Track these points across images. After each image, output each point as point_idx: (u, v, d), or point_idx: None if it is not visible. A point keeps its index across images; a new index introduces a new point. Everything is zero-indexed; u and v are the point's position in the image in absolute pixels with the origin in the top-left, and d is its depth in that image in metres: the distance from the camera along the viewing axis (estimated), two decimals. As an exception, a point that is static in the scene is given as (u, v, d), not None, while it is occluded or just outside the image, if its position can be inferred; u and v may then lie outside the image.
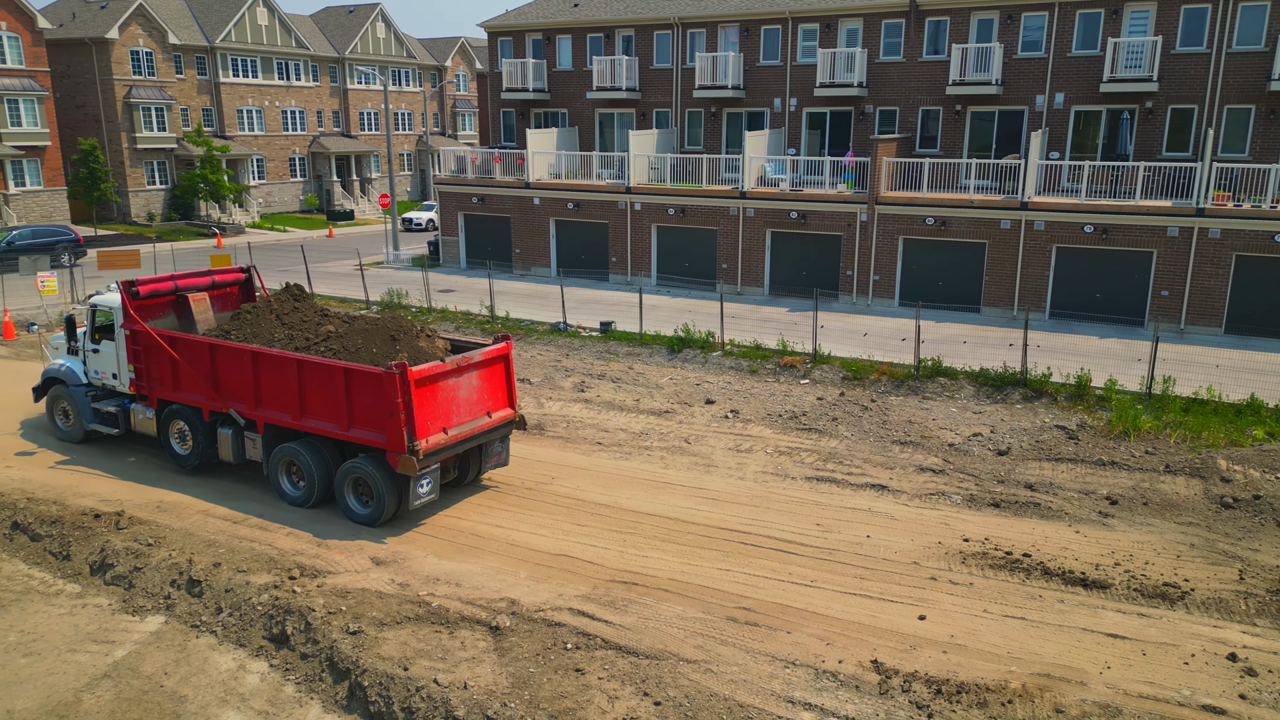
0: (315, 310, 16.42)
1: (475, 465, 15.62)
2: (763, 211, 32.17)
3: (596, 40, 39.59)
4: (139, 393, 16.87)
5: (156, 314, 17.11)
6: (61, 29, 52.63)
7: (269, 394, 14.92)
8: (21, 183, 48.56)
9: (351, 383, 13.89)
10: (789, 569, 12.69)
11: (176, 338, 16.05)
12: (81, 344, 17.91)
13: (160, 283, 17.24)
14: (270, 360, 14.72)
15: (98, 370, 17.63)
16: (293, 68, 62.60)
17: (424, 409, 13.64)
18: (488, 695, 9.72)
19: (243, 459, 15.81)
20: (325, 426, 14.39)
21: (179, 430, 16.42)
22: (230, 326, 16.17)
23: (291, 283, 17.53)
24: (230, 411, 15.49)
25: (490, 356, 15.05)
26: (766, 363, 22.98)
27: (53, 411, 18.33)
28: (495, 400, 15.20)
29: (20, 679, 10.39)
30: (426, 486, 13.99)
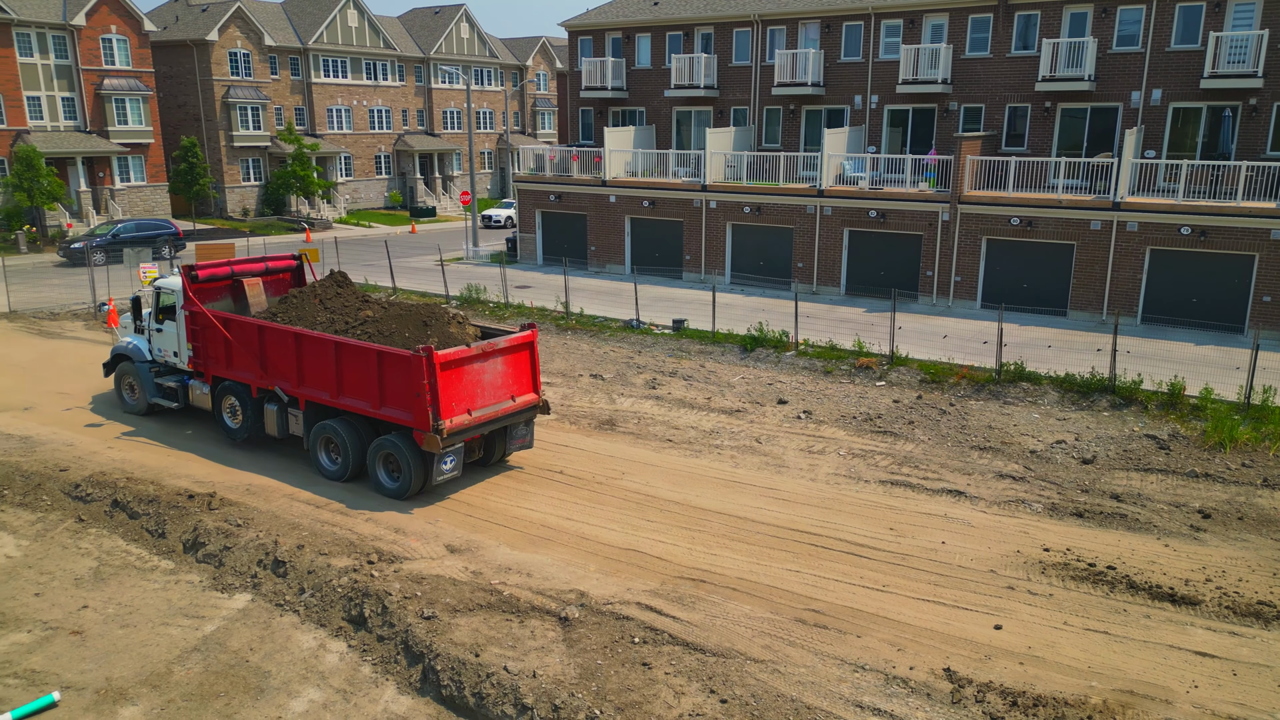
0: (356, 296, 17.30)
1: (500, 447, 16.28)
2: (840, 210, 31.73)
3: (675, 38, 39.61)
4: (196, 370, 18.03)
5: (214, 297, 18.30)
6: (165, 31, 55.19)
7: (310, 373, 15.82)
8: (127, 178, 51.13)
9: (383, 364, 14.67)
10: (860, 573, 12.52)
11: (229, 319, 17.06)
12: (147, 324, 19.16)
13: (218, 268, 18.38)
14: (311, 342, 15.63)
15: (160, 348, 18.85)
16: (380, 68, 64.34)
17: (449, 391, 14.35)
18: (555, 685, 9.87)
19: (286, 434, 16.75)
20: (359, 405, 15.22)
21: (230, 405, 17.50)
22: (277, 309, 17.12)
23: (335, 270, 18.48)
24: (275, 389, 16.45)
25: (515, 343, 15.65)
26: (841, 364, 22.68)
27: (120, 386, 19.61)
28: (519, 385, 15.80)
29: (118, 649, 10.98)
30: (450, 464, 14.73)
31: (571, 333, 26.70)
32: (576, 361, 23.78)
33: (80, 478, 15.50)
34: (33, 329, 27.00)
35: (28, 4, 46.78)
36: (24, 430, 17.95)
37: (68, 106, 48.73)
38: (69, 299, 30.47)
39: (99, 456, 16.59)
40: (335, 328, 16.02)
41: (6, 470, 15.81)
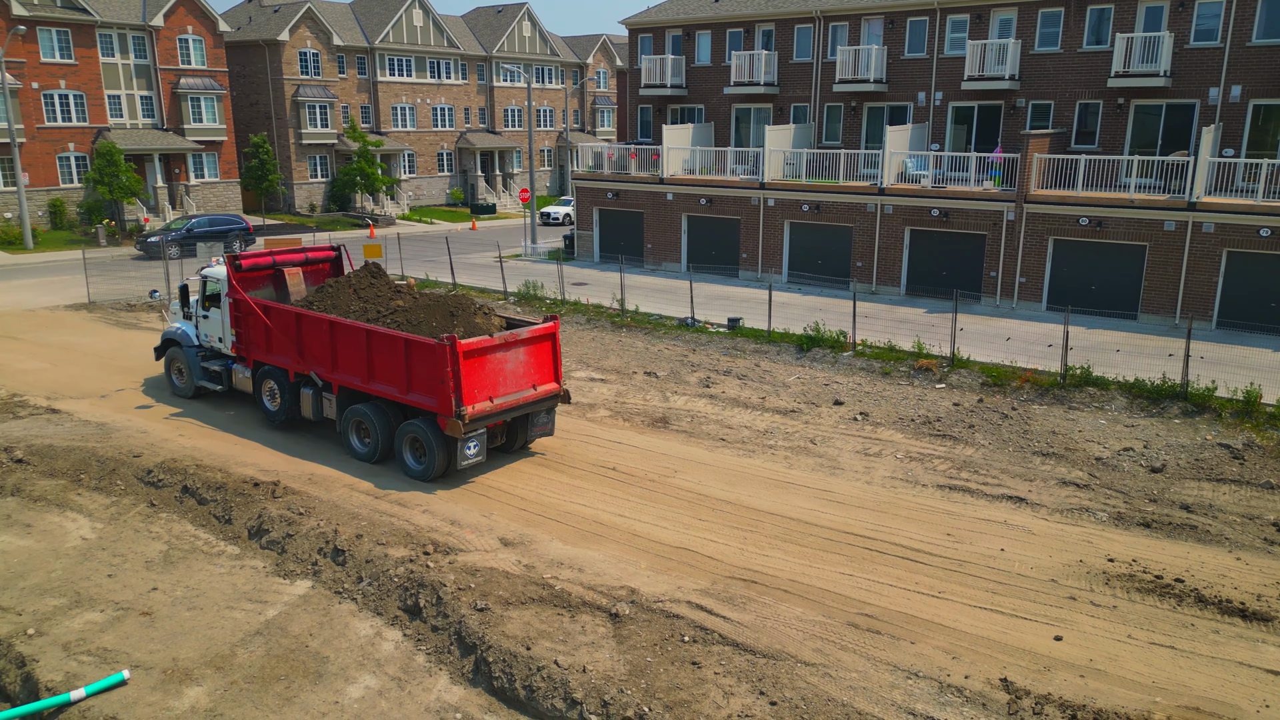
0: (389, 286, 17.89)
1: (522, 434, 16.79)
2: (902, 209, 31.23)
3: (736, 35, 39.41)
4: (239, 354, 18.86)
5: (256, 285, 19.06)
6: (239, 32, 56.85)
7: (343, 359, 16.52)
8: (201, 174, 52.83)
9: (410, 352, 15.29)
10: (915, 578, 12.32)
11: (270, 306, 17.87)
12: (194, 310, 20.01)
13: (261, 257, 19.22)
14: (344, 329, 16.32)
15: (206, 334, 19.70)
16: (443, 66, 65.31)
17: (471, 378, 14.95)
18: (605, 680, 9.93)
19: (320, 416, 17.45)
20: (388, 390, 15.87)
21: (270, 389, 18.33)
22: (314, 298, 17.80)
23: (370, 261, 19.07)
24: (311, 374, 17.20)
25: (537, 334, 16.16)
26: (900, 365, 22.33)
27: (169, 369, 20.56)
28: (541, 374, 16.35)
29: (184, 630, 11.37)
30: (473, 449, 15.34)
31: (626, 330, 26.78)
32: (631, 359, 23.84)
33: (152, 464, 16.08)
34: (110, 319, 28.08)
35: (110, 6, 48.62)
36: (100, 417, 18.69)
37: (146, 105, 50.53)
38: (145, 291, 31.60)
39: (170, 444, 17.19)
40: (367, 316, 16.64)
41: (83, 455, 16.49)
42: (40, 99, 46.36)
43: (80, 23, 47.03)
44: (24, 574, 12.68)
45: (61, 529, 14.08)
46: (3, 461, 16.20)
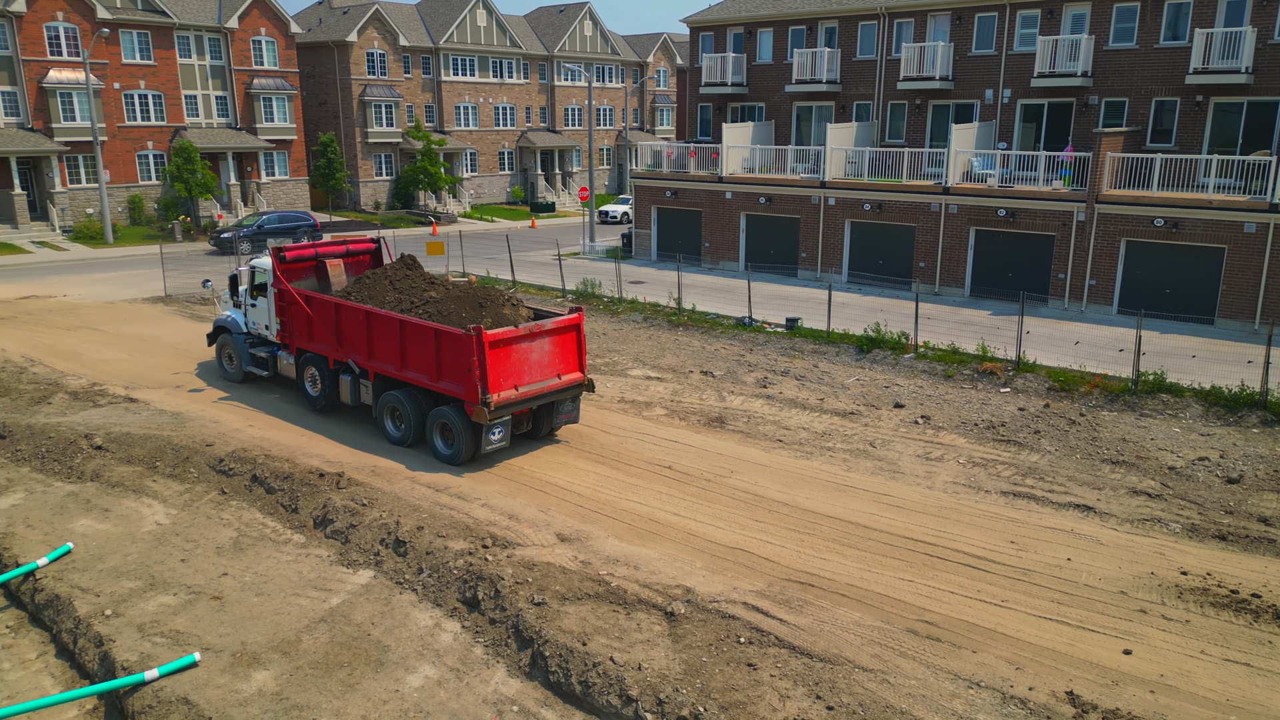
0: (423, 278, 18.40)
1: (548, 421, 17.29)
2: (967, 208, 30.61)
3: (798, 33, 39.06)
4: (283, 342, 19.75)
5: (300, 276, 19.86)
6: (310, 33, 58.29)
7: (378, 348, 17.20)
8: (271, 172, 54.33)
9: (440, 341, 15.92)
10: (977, 586, 12.08)
11: (311, 296, 18.62)
12: (243, 299, 20.98)
13: (304, 249, 20.05)
14: (379, 319, 17.00)
15: (254, 322, 20.68)
16: (506, 66, 66.04)
17: (496, 367, 15.50)
18: (660, 679, 9.94)
19: (358, 402, 18.17)
20: (419, 378, 16.54)
21: (311, 375, 19.18)
22: (352, 289, 18.48)
23: (406, 254, 19.65)
24: (349, 361, 17.92)
25: (561, 325, 16.65)
26: (963, 368, 21.90)
27: (220, 355, 21.60)
28: (566, 364, 16.81)
29: (253, 615, 11.71)
30: (498, 434, 16.03)
31: (683, 329, 26.76)
32: (687, 358, 23.81)
33: (224, 453, 16.59)
34: (185, 312, 29.05)
35: (187, 8, 50.28)
36: (175, 407, 19.35)
37: (220, 105, 52.12)
38: (217, 285, 32.61)
39: (241, 434, 17.71)
40: (401, 307, 17.22)
41: (159, 443, 17.09)
42: (121, 99, 48.17)
43: (159, 25, 48.72)
44: (102, 556, 13.20)
45: (138, 514, 14.62)
46: (83, 448, 16.89)
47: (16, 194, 44.77)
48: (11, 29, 44.32)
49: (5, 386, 20.26)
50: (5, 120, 45.00)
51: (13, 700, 10.51)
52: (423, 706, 9.95)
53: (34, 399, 19.50)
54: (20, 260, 39.38)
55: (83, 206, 47.26)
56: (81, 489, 15.54)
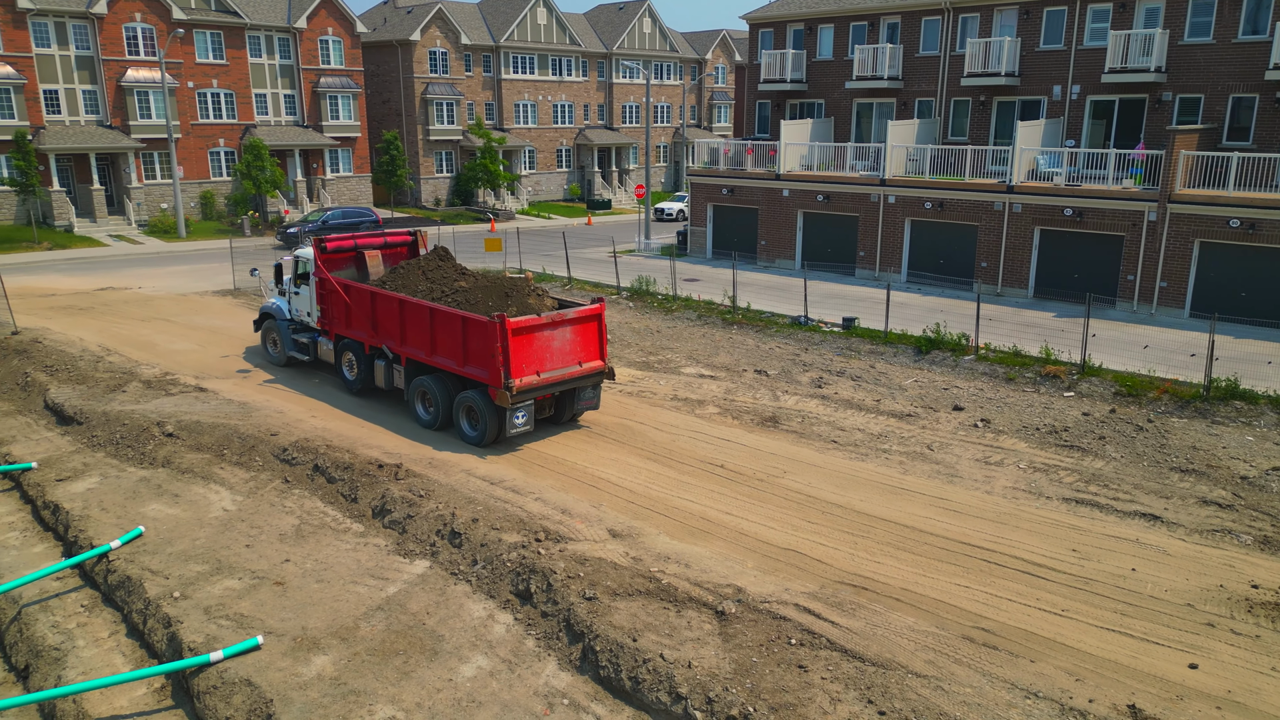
0: (455, 268, 19.08)
1: (570, 407, 17.91)
2: (1031, 207, 29.90)
3: (860, 28, 38.56)
4: (323, 328, 20.71)
5: (340, 266, 20.81)
6: (374, 33, 59.43)
7: (410, 334, 18.01)
8: (336, 169, 55.57)
9: (466, 328, 16.67)
10: (1037, 594, 11.82)
11: (349, 285, 19.51)
12: (287, 287, 22.06)
13: (344, 240, 20.97)
14: (411, 306, 17.82)
15: (297, 309, 21.80)
16: (565, 64, 66.47)
17: (519, 354, 16.20)
18: (710, 677, 9.94)
19: (391, 386, 19.08)
20: (447, 363, 17.30)
21: (348, 360, 20.17)
22: (387, 278, 19.24)
23: (439, 245, 20.36)
24: (384, 347, 18.80)
25: (583, 315, 17.23)
26: (1025, 371, 21.41)
27: (265, 340, 22.76)
28: (587, 352, 17.42)
29: (313, 601, 12.03)
30: (521, 418, 16.67)
31: (737, 327, 26.65)
32: (741, 356, 23.72)
33: (288, 442, 17.05)
34: (252, 305, 29.89)
35: (258, 9, 51.68)
36: (242, 396, 19.94)
37: (288, 103, 53.48)
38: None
39: (304, 424, 18.18)
40: (433, 295, 17.95)
41: (226, 432, 17.64)
42: (195, 97, 49.73)
43: (232, 25, 50.17)
44: (171, 540, 13.68)
45: (205, 500, 15.12)
46: (155, 435, 17.51)
47: (95, 189, 46.56)
48: (93, 30, 46.08)
49: (83, 374, 21.11)
50: (86, 118, 46.82)
51: (86, 677, 10.97)
52: (475, 696, 10.11)
53: (110, 387, 20.27)
54: (98, 253, 40.95)
55: (157, 201, 48.94)
56: (153, 474, 16.12)
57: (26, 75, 44.40)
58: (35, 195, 43.16)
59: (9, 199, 45.06)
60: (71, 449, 17.43)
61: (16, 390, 20.73)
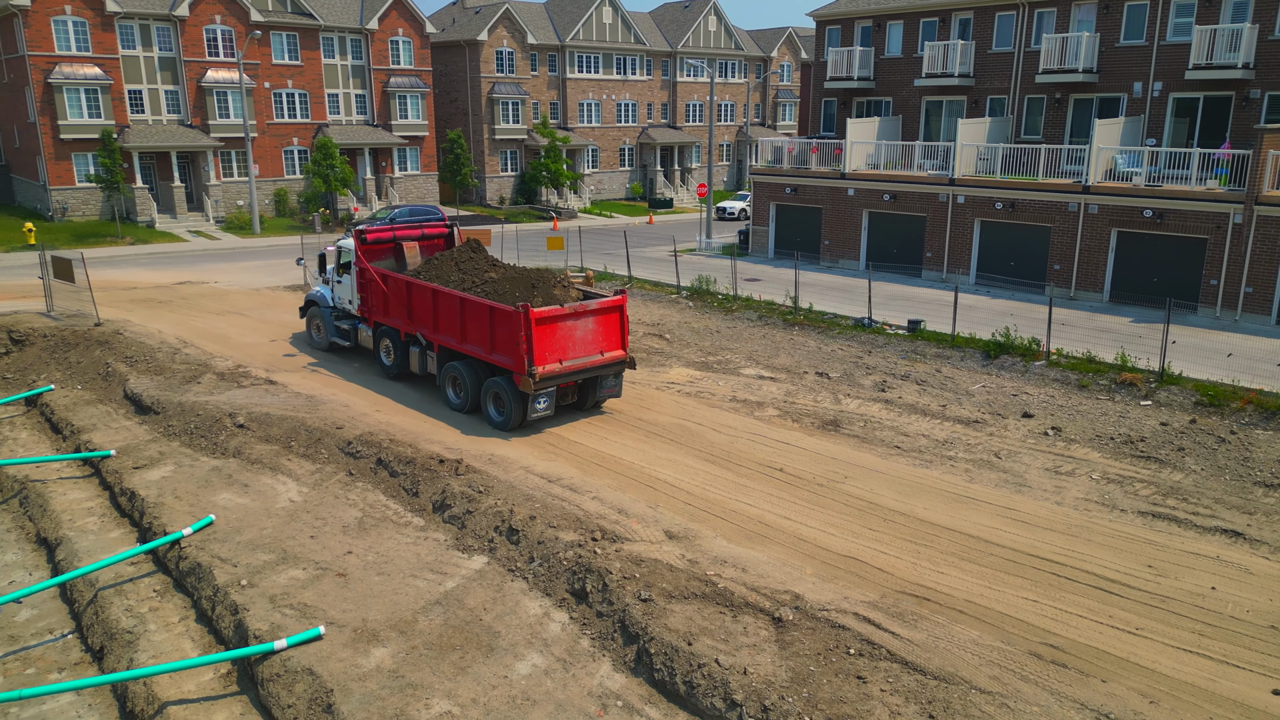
0: (486, 260, 19.93)
1: (592, 395, 18.60)
2: (1109, 208, 28.89)
3: (930, 25, 37.74)
4: (362, 315, 21.81)
5: (380, 256, 21.92)
6: (443, 33, 60.34)
7: (442, 322, 18.96)
8: (404, 167, 56.60)
9: (493, 317, 17.47)
10: (1109, 611, 11.37)
11: (387, 275, 20.49)
12: (330, 276, 23.11)
13: (383, 232, 22.19)
14: (443, 296, 18.72)
15: (339, 297, 22.85)
16: (629, 62, 66.58)
17: (542, 342, 16.89)
18: (766, 685, 9.80)
19: (424, 371, 20.03)
20: (476, 350, 18.16)
21: (385, 346, 21.21)
22: (422, 269, 20.22)
23: (471, 238, 21.30)
24: (418, 334, 19.78)
25: (605, 306, 17.89)
26: (1100, 378, 20.68)
27: (310, 326, 24.06)
28: (609, 342, 18.06)
29: (373, 594, 12.23)
30: (543, 404, 17.53)
31: (799, 328, 26.31)
32: (802, 358, 23.41)
33: (352, 435, 17.38)
34: (321, 301, 30.59)
35: (332, 11, 52.90)
36: (310, 390, 20.40)
37: (359, 103, 54.64)
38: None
39: (368, 418, 18.52)
40: (464, 286, 18.76)
41: (294, 424, 18.06)
42: (270, 97, 51.16)
43: (307, 27, 51.46)
44: (240, 529, 14.05)
45: (273, 490, 15.50)
46: (227, 426, 18.03)
47: (176, 186, 48.24)
48: (175, 32, 47.73)
49: (161, 366, 21.85)
50: (168, 117, 48.54)
51: (156, 660, 11.33)
52: (530, 694, 10.14)
53: (185, 378, 20.95)
54: (178, 248, 42.42)
55: (233, 199, 50.49)
56: (224, 464, 16.59)
57: (113, 76, 46.21)
58: (119, 192, 44.89)
59: (95, 195, 46.97)
60: (148, 438, 18.05)
61: (98, 380, 21.57)
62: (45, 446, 18.79)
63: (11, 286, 30.71)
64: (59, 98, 44.71)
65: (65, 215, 46.54)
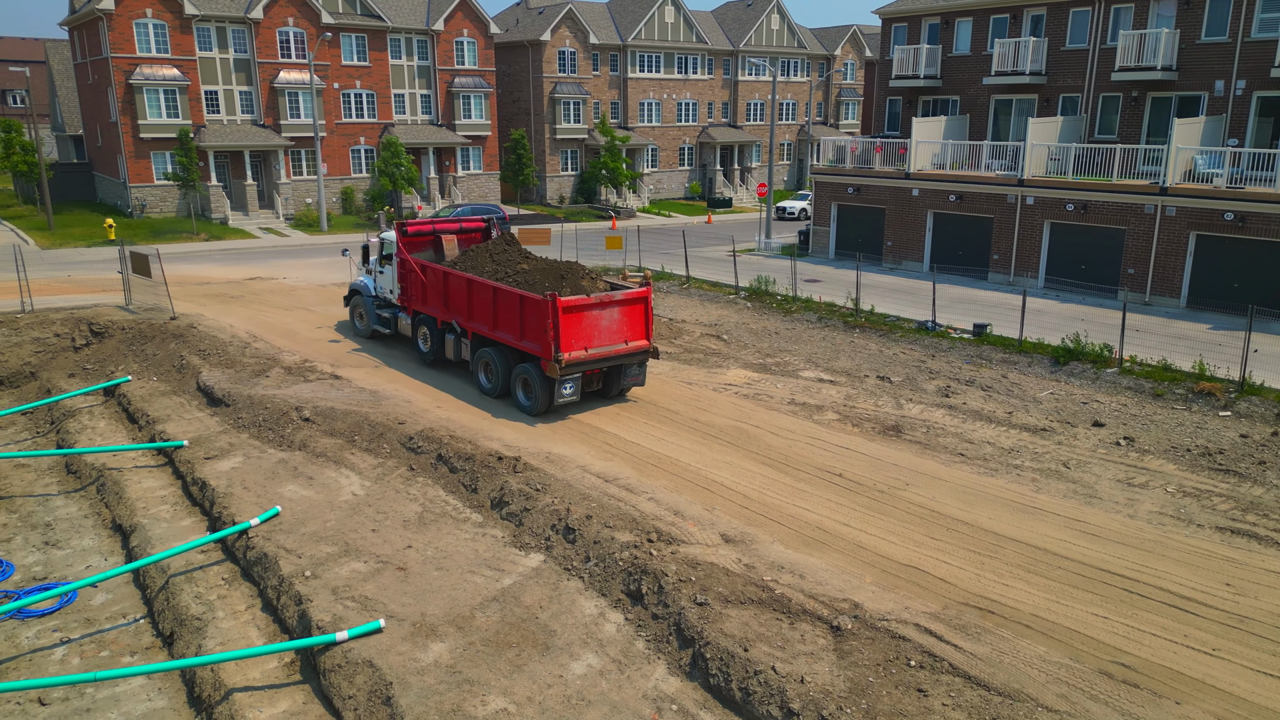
0: (519, 252, 20.97)
1: (616, 382, 19.32)
2: (1187, 211, 27.83)
3: (1001, 21, 36.83)
4: (402, 304, 22.87)
5: (420, 248, 22.93)
6: (507, 34, 60.97)
7: (475, 310, 19.87)
8: (467, 166, 57.35)
9: (524, 306, 18.21)
10: (1184, 630, 10.94)
11: (425, 265, 21.53)
12: (373, 266, 24.27)
13: (423, 225, 23.22)
14: (477, 286, 19.62)
15: (381, 286, 23.99)
16: (690, 62, 66.41)
17: (569, 330, 17.60)
18: (824, 695, 9.65)
19: (459, 357, 21.01)
20: (507, 337, 18.99)
21: (423, 333, 22.18)
22: (458, 260, 21.34)
23: (505, 231, 22.95)
24: (453, 321, 20.74)
25: (630, 297, 18.53)
26: (1176, 386, 19.93)
27: (353, 314, 25.21)
28: (633, 332, 18.71)
29: (432, 589, 12.38)
30: (569, 389, 18.20)
31: (859, 331, 25.92)
32: (862, 361, 23.05)
33: (414, 431, 17.65)
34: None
35: (399, 12, 53.85)
36: (373, 385, 20.78)
37: (424, 103, 55.53)
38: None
39: (429, 414, 18.78)
40: (497, 276, 19.65)
41: (357, 419, 18.42)
42: (339, 98, 52.30)
43: (375, 29, 52.47)
44: (305, 521, 14.37)
45: (337, 483, 15.82)
46: (294, 419, 18.46)
47: (248, 184, 49.64)
48: (249, 34, 49.11)
49: (231, 359, 22.49)
50: (241, 117, 49.97)
51: (223, 647, 11.64)
52: (585, 695, 10.16)
53: (255, 372, 21.52)
54: (249, 244, 43.65)
55: (303, 196, 51.76)
56: (290, 457, 16.99)
57: (190, 77, 47.75)
58: (195, 189, 46.38)
59: (172, 193, 48.60)
60: (219, 429, 18.59)
61: (173, 372, 22.29)
62: (122, 435, 19.48)
63: (93, 280, 31.94)
64: (139, 98, 46.35)
65: (144, 212, 48.25)
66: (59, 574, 14.28)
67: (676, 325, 26.83)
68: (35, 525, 15.95)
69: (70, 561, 14.71)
